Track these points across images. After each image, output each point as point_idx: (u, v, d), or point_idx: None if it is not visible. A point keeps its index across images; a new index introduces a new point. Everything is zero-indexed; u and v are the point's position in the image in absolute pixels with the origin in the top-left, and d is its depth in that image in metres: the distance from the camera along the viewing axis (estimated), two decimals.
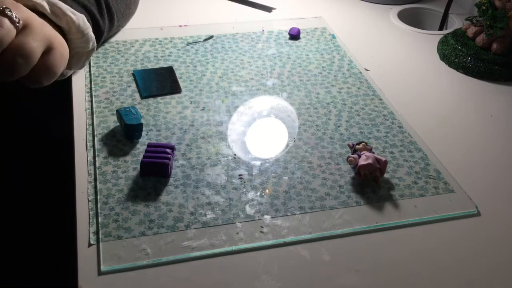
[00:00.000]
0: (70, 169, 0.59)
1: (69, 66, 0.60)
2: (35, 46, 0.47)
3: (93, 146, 0.61)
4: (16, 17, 0.46)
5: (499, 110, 0.73)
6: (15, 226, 0.82)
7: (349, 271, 0.49)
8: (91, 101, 0.68)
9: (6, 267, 0.79)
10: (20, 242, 0.81)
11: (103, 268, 0.47)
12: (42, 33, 0.49)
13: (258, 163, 0.61)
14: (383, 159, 0.58)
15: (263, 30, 0.88)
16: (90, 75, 0.73)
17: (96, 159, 0.59)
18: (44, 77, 0.50)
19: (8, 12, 0.46)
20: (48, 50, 0.50)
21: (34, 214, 0.83)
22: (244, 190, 0.57)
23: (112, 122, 0.65)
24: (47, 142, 0.86)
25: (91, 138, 0.62)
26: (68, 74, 0.64)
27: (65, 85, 0.71)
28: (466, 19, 0.85)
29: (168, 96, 0.70)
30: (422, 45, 0.87)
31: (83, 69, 0.72)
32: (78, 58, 0.61)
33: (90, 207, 0.53)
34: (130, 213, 0.53)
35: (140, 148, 0.61)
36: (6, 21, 0.45)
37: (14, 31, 0.46)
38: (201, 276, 0.48)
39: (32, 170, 0.86)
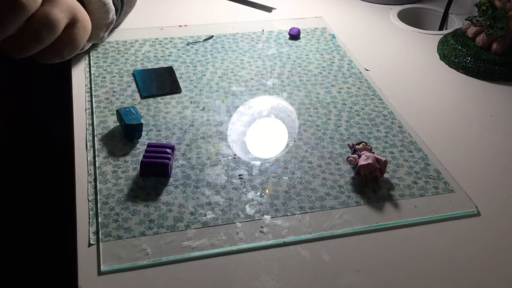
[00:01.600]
0: (70, 169, 0.59)
1: (89, 38, 0.59)
2: (61, 17, 0.46)
3: (93, 146, 0.61)
4: None
5: (499, 110, 0.73)
6: (15, 226, 0.82)
7: (349, 271, 0.49)
8: (91, 101, 0.68)
9: (6, 267, 0.79)
10: (20, 242, 0.81)
11: (103, 268, 0.47)
12: (68, 4, 0.48)
13: (258, 163, 0.61)
14: (383, 159, 0.58)
15: (263, 30, 0.88)
16: (90, 75, 0.73)
17: (96, 159, 0.59)
18: (66, 50, 0.49)
19: None
20: (72, 23, 0.49)
21: (34, 214, 0.83)
22: (244, 190, 0.57)
23: (112, 122, 0.65)
24: (47, 142, 0.86)
25: (91, 138, 0.62)
26: (87, 47, 0.63)
27: (65, 85, 0.71)
28: (466, 19, 0.85)
29: (168, 96, 0.70)
30: (422, 45, 0.87)
31: (83, 69, 0.72)
32: (97, 30, 0.60)
33: (90, 207, 0.53)
34: (130, 213, 0.53)
35: (140, 148, 0.61)
36: None
37: None
38: (201, 276, 0.48)
39: (32, 170, 0.86)
